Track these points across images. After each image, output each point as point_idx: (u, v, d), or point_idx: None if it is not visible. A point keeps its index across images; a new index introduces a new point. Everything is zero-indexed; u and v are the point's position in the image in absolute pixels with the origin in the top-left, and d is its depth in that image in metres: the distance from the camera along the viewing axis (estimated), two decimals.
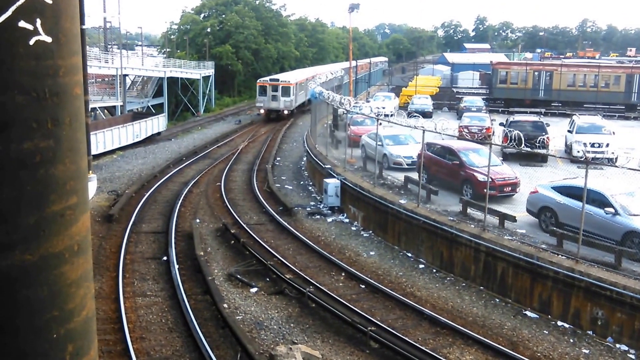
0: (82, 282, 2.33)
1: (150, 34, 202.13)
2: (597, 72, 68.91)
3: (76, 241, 2.26)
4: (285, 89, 72.65)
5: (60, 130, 2.15)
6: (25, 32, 2.02)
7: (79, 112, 2.25)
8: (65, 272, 2.23)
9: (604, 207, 21.74)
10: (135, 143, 54.61)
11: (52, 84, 2.11)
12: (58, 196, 2.17)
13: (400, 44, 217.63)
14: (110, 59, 66.94)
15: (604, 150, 35.96)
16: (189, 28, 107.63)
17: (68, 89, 2.19)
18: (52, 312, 2.20)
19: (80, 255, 2.30)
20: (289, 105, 73.42)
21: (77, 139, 2.24)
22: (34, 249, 2.11)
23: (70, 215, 2.22)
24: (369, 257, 26.72)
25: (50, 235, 2.16)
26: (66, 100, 2.17)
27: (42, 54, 2.08)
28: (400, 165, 34.10)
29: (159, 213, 32.67)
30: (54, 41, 2.11)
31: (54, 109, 2.13)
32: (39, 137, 2.08)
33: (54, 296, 2.20)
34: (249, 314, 20.47)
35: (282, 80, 73.89)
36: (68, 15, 2.17)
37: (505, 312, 21.34)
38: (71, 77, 2.19)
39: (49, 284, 2.18)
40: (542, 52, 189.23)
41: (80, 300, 2.32)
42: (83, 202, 2.31)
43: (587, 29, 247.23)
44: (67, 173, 2.19)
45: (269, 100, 72.48)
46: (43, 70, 2.08)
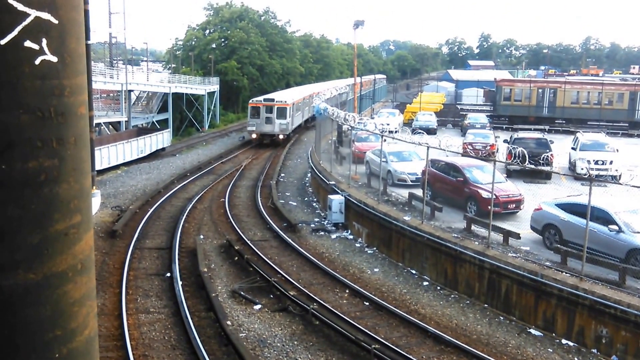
0: (85, 301, 2.31)
1: (156, 50, 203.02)
2: (600, 90, 68.94)
3: (80, 260, 2.26)
4: (280, 111, 64.61)
5: (65, 149, 2.15)
6: (31, 51, 2.02)
7: (83, 131, 2.25)
8: (69, 291, 2.22)
9: (608, 225, 21.69)
10: (139, 158, 54.70)
11: (57, 104, 2.11)
12: (62, 215, 2.16)
13: (405, 60, 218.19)
14: (115, 74, 67.22)
15: (608, 167, 35.94)
16: (193, 44, 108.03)
17: (73, 109, 2.19)
18: (55, 331, 2.18)
19: (83, 274, 2.29)
20: (285, 128, 65.29)
21: (82, 158, 2.24)
22: (37, 268, 2.10)
23: (74, 234, 2.22)
24: (373, 274, 26.67)
25: (54, 254, 2.15)
26: (71, 120, 2.17)
27: (48, 74, 2.08)
28: (404, 181, 34.11)
29: (163, 229, 32.66)
30: (60, 61, 2.11)
31: (59, 128, 2.13)
32: (43, 156, 2.07)
33: (57, 315, 2.19)
34: (252, 331, 20.41)
35: (278, 100, 65.80)
36: (74, 35, 2.17)
37: (510, 330, 21.25)
38: (76, 97, 2.20)
39: (51, 303, 2.16)
40: (546, 70, 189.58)
41: (82, 320, 2.30)
42: (87, 220, 2.30)
43: (591, 47, 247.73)
44: (71, 192, 2.18)
45: (262, 123, 64.59)
46: (48, 89, 2.08)
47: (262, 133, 64.74)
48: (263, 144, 65.17)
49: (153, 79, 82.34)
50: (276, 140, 64.90)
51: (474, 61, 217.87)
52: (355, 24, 67.59)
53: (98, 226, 31.72)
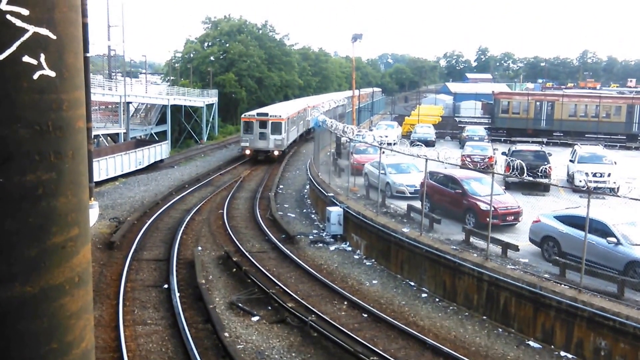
0: (82, 314, 2.32)
1: (154, 62, 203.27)
2: (598, 103, 69.20)
3: (77, 273, 2.27)
4: (275, 126, 60.96)
5: (63, 163, 2.17)
6: (29, 66, 2.05)
7: (81, 145, 2.27)
8: (66, 304, 2.23)
9: (607, 237, 21.71)
10: (137, 170, 54.71)
11: (55, 118, 2.14)
12: (59, 228, 2.17)
13: (403, 73, 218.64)
14: (114, 86, 67.31)
15: (606, 179, 36.03)
16: (192, 57, 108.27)
17: (71, 123, 2.21)
18: (51, 344, 2.19)
19: (80, 287, 2.30)
20: (279, 144, 61.56)
21: (79, 171, 2.26)
22: (34, 281, 2.11)
23: (71, 247, 2.23)
24: (372, 286, 26.63)
25: (51, 267, 2.16)
26: (69, 134, 2.20)
27: (46, 88, 2.10)
28: (403, 193, 34.13)
29: (161, 240, 32.62)
30: (58, 76, 2.14)
31: (57, 142, 2.15)
32: (41, 169, 2.09)
33: (54, 328, 2.19)
34: (250, 343, 20.36)
35: (272, 114, 62.03)
36: (72, 50, 2.20)
37: (508, 342, 21.21)
38: (74, 111, 2.22)
39: (48, 316, 2.17)
40: (544, 83, 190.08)
41: (79, 333, 2.30)
42: (84, 233, 2.32)
43: (588, 60, 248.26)
44: (69, 205, 2.20)
45: (256, 138, 60.85)
46: (46, 104, 2.11)
47: (256, 149, 61.36)
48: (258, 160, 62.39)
49: (151, 91, 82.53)
50: (271, 157, 61.51)
51: (472, 74, 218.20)
52: (354, 37, 67.66)
53: (96, 237, 31.68)
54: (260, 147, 60.92)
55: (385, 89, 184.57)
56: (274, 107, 73.44)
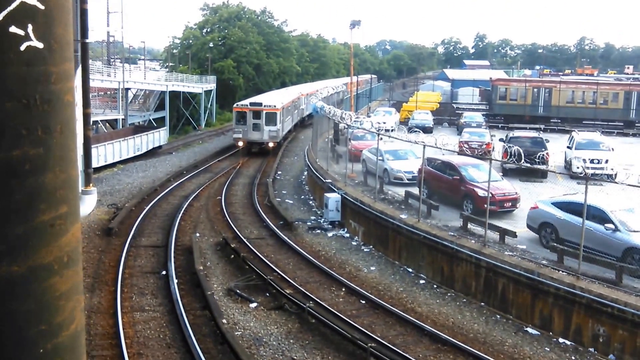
0: (72, 295, 2.26)
1: (153, 49, 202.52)
2: (595, 89, 69.27)
3: (66, 252, 2.20)
4: (270, 116, 57.47)
5: (51, 138, 2.10)
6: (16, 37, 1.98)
7: (70, 119, 2.20)
8: (54, 285, 2.17)
9: (604, 223, 21.69)
10: (136, 156, 54.64)
11: (43, 91, 2.07)
12: (48, 205, 2.11)
13: (401, 60, 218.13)
14: (112, 72, 67.19)
15: (604, 166, 35.99)
16: (191, 43, 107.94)
17: (60, 96, 2.14)
18: (40, 326, 2.13)
19: (70, 267, 2.23)
20: (275, 135, 58.20)
21: (68, 147, 2.19)
22: (21, 260, 2.05)
23: (60, 226, 2.16)
24: (370, 272, 26.62)
25: (39, 246, 2.10)
26: (57, 108, 2.13)
27: (34, 60, 2.03)
28: (400, 180, 34.07)
29: (159, 227, 32.59)
30: (46, 47, 2.07)
31: (45, 116, 2.08)
32: (28, 144, 2.03)
33: (42, 309, 2.13)
34: (248, 329, 20.35)
35: (266, 104, 58.48)
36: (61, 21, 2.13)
37: (507, 328, 21.22)
38: (63, 84, 2.15)
39: (36, 296, 2.11)
40: (541, 69, 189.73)
41: (69, 314, 2.24)
42: (73, 212, 2.25)
43: (585, 47, 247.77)
44: (57, 182, 2.13)
45: (250, 130, 57.34)
46: (34, 76, 2.04)
47: (250, 141, 57.84)
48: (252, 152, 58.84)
49: (150, 77, 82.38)
50: (265, 149, 58.18)
51: (470, 61, 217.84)
52: (352, 24, 67.52)
53: (94, 224, 31.65)
54: (254, 139, 57.62)
55: (383, 75, 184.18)
56: (267, 96, 69.06)
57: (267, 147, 57.85)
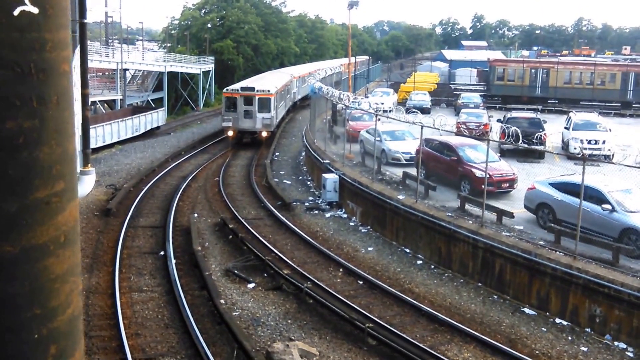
0: (68, 277, 2.15)
1: (151, 29, 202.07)
2: (593, 70, 69.11)
3: (63, 231, 2.09)
4: (263, 102, 51.86)
5: (46, 109, 1.99)
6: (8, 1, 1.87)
7: (66, 90, 2.09)
8: (50, 266, 2.06)
9: (601, 204, 21.69)
10: (134, 137, 54.64)
11: (37, 59, 1.96)
12: (43, 181, 2.01)
13: (399, 41, 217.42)
14: (110, 53, 66.87)
15: (601, 147, 35.97)
16: (190, 23, 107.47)
17: (55, 65, 2.03)
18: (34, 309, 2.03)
19: (67, 247, 2.13)
20: (268, 124, 52.55)
21: (64, 119, 2.08)
22: (14, 239, 1.94)
23: (56, 203, 2.06)
24: (367, 253, 26.65)
25: (34, 225, 1.99)
26: (53, 77, 2.02)
27: (28, 26, 1.92)
28: (398, 160, 34.06)
29: (157, 207, 32.58)
30: (41, 12, 1.95)
31: (40, 86, 1.97)
32: (22, 116, 1.92)
33: (36, 292, 2.03)
34: (246, 310, 20.38)
35: (259, 89, 52.66)
36: None
37: (504, 308, 21.27)
38: (59, 53, 2.04)
39: (30, 278, 2.00)
40: (539, 50, 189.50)
41: (65, 297, 2.14)
42: (71, 188, 2.14)
43: (583, 28, 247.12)
44: (53, 156, 2.03)
45: (241, 117, 51.84)
46: (28, 43, 1.93)
47: (241, 130, 52.40)
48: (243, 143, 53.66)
49: (148, 57, 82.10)
50: (258, 139, 52.84)
51: (467, 41, 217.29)
52: (350, 4, 67.36)
53: (92, 204, 31.62)
54: (246, 128, 52.21)
55: (381, 56, 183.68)
56: (260, 79, 62.84)
57: (259, 136, 52.55)
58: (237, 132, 52.17)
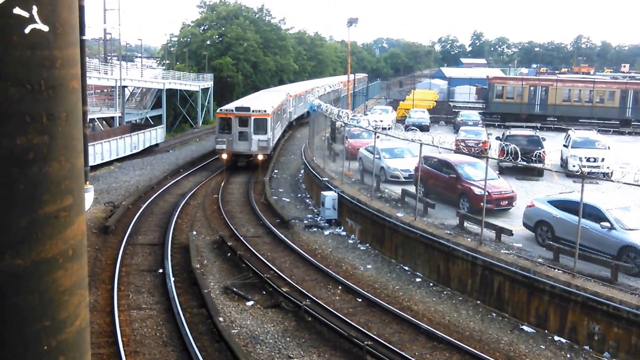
0: (76, 290, 2.20)
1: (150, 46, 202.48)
2: (592, 88, 69.25)
3: (71, 245, 2.14)
4: (259, 123, 48.47)
5: (56, 125, 2.03)
6: (20, 19, 1.91)
7: (75, 107, 2.14)
8: (59, 279, 2.10)
9: (600, 222, 21.70)
10: (133, 154, 54.67)
11: (48, 76, 2.00)
12: (52, 196, 2.04)
13: (398, 58, 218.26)
14: (109, 70, 67.06)
15: (600, 164, 36.02)
16: (189, 40, 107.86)
17: (65, 82, 2.07)
18: (43, 321, 2.07)
19: (75, 260, 2.17)
20: (265, 146, 48.85)
21: (73, 135, 2.13)
22: (25, 253, 1.98)
23: (65, 217, 2.10)
24: (366, 271, 26.63)
25: (43, 239, 2.03)
26: (63, 94, 2.06)
27: (38, 44, 1.97)
28: (397, 178, 34.09)
29: (156, 225, 32.56)
30: (51, 30, 2.00)
31: (50, 102, 2.01)
32: (32, 132, 1.96)
33: (46, 304, 2.07)
34: (244, 327, 20.33)
35: (255, 109, 49.07)
36: (66, 4, 2.07)
37: (502, 326, 21.24)
38: (68, 70, 2.08)
39: (40, 291, 2.04)
40: (538, 68, 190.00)
41: (73, 309, 2.18)
42: (79, 203, 2.18)
43: (582, 45, 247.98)
44: (62, 172, 2.07)
45: (235, 139, 48.26)
46: (39, 61, 1.97)
47: (235, 153, 48.68)
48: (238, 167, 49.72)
49: (147, 74, 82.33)
50: (253, 162, 49.48)
51: (467, 59, 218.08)
52: (349, 22, 67.62)
53: (91, 222, 31.59)
54: (241, 151, 48.63)
55: (380, 73, 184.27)
56: (255, 99, 58.77)
57: (255, 159, 49.24)
58: (231, 155, 48.74)
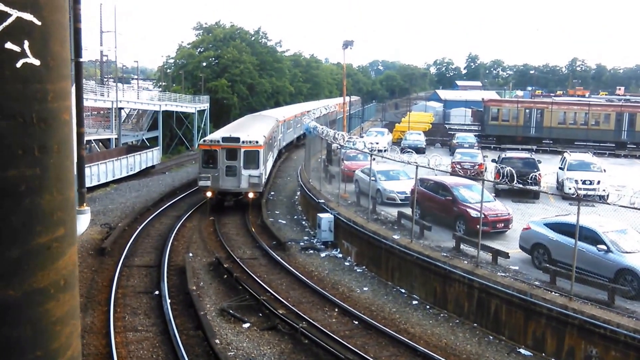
0: (69, 320, 2.20)
1: (147, 68, 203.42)
2: (587, 110, 69.54)
3: (63, 275, 2.14)
4: (250, 156, 40.78)
5: (48, 157, 2.05)
6: (12, 54, 1.94)
7: (67, 139, 2.16)
8: (51, 309, 2.11)
9: (597, 244, 21.70)
10: (129, 176, 54.69)
11: (39, 109, 2.02)
12: (44, 227, 2.05)
13: (394, 80, 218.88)
14: (106, 92, 67.34)
15: (596, 187, 36.09)
16: (185, 62, 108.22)
17: (57, 115, 2.10)
18: (35, 352, 2.07)
19: (66, 290, 2.18)
20: (256, 182, 40.90)
21: (65, 167, 2.14)
22: (17, 284, 1.99)
23: (56, 248, 2.11)
24: (363, 293, 26.55)
25: (35, 270, 2.04)
26: (54, 127, 2.08)
27: (30, 78, 1.99)
28: (393, 200, 34.08)
29: (152, 247, 32.50)
30: (43, 65, 2.03)
31: (42, 135, 2.03)
32: (24, 164, 1.98)
33: (38, 335, 2.07)
34: (241, 350, 20.24)
35: (246, 140, 41.06)
36: (58, 38, 2.09)
37: (499, 349, 21.16)
38: (60, 103, 2.11)
39: (32, 322, 2.05)
40: (533, 90, 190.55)
41: (65, 340, 2.18)
42: (70, 234, 2.19)
43: (577, 68, 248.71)
44: (54, 203, 2.08)
45: (222, 175, 40.42)
46: (30, 94, 1.99)
47: (222, 190, 40.88)
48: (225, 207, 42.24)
49: (143, 96, 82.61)
50: (243, 201, 41.76)
51: (462, 81, 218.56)
52: (345, 44, 67.85)
53: (87, 243, 31.52)
54: (229, 188, 40.75)
55: (375, 95, 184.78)
56: (244, 127, 49.52)
57: (245, 197, 41.25)
58: (216, 194, 40.90)
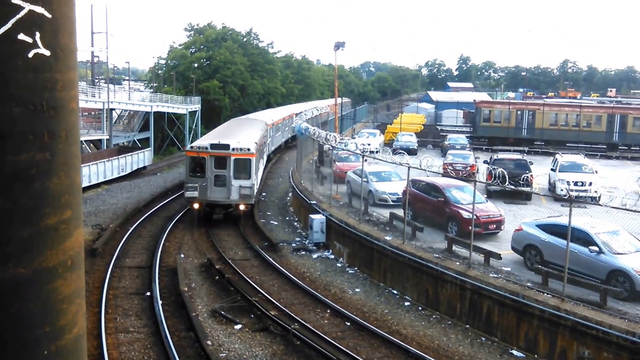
0: (75, 299, 2.34)
1: (138, 69, 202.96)
2: (578, 112, 69.87)
3: (70, 256, 2.27)
4: (240, 164, 37.48)
5: (56, 143, 2.17)
6: (24, 44, 2.06)
7: (74, 126, 2.28)
8: (58, 288, 2.23)
9: (588, 246, 21.76)
10: (120, 177, 54.60)
11: (49, 97, 2.14)
12: (52, 210, 2.18)
13: (385, 82, 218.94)
14: (97, 93, 67.15)
15: (587, 188, 36.19)
16: (177, 63, 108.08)
17: (65, 103, 2.22)
18: (44, 328, 2.19)
19: (73, 270, 2.31)
20: (248, 194, 37.55)
21: (72, 153, 2.27)
22: (27, 262, 2.11)
23: (64, 230, 2.23)
24: (355, 294, 26.57)
25: (44, 249, 2.16)
26: (63, 114, 2.20)
27: (41, 67, 2.11)
28: (385, 201, 34.13)
29: (143, 248, 32.44)
30: (52, 55, 2.15)
31: (51, 122, 2.15)
32: (35, 149, 2.10)
33: (46, 312, 2.20)
34: (232, 351, 20.24)
35: (236, 147, 37.67)
36: (66, 30, 2.21)
37: (492, 351, 21.21)
38: (68, 92, 2.23)
39: (41, 299, 2.17)
40: (525, 92, 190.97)
41: (72, 317, 2.31)
42: (77, 216, 2.32)
43: (569, 70, 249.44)
44: (62, 187, 2.20)
45: (210, 185, 37.19)
46: (41, 83, 2.12)
47: (211, 202, 37.68)
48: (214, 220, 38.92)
49: (135, 97, 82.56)
50: (234, 213, 38.77)
51: (454, 83, 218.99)
52: (336, 46, 67.92)
53: None
54: (217, 199, 37.53)
55: (367, 97, 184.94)
56: (233, 132, 44.76)
57: (237, 210, 38.30)
58: (203, 206, 37.81)
